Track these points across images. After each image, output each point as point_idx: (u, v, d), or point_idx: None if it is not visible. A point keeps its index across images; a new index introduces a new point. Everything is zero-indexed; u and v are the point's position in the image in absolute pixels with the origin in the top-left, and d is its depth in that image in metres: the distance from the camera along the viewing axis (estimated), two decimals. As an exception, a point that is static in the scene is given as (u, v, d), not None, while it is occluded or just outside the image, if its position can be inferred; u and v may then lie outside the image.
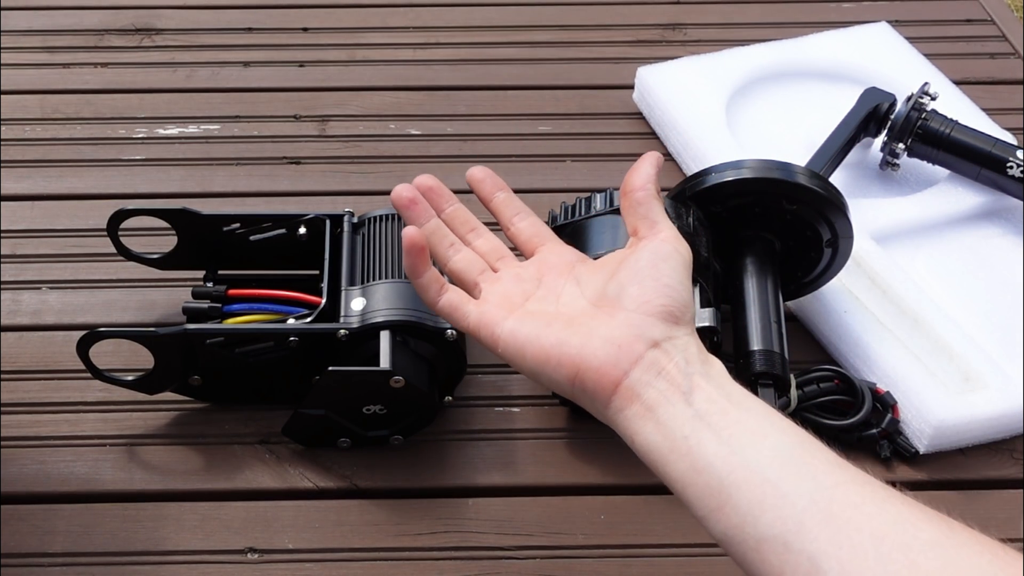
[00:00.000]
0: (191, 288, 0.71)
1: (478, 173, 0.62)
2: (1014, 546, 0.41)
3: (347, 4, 1.10)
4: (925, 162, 0.86)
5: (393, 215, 0.71)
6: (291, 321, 0.66)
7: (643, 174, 0.56)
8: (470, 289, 0.57)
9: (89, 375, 0.66)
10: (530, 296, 0.55)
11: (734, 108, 0.92)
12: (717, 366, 0.50)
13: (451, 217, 0.60)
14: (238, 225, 0.71)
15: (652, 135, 0.94)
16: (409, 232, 0.54)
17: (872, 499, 0.42)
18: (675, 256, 0.52)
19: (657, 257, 0.52)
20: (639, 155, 0.90)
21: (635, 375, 0.48)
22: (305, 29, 1.07)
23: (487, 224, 0.62)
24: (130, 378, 0.66)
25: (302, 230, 0.71)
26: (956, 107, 0.89)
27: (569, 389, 0.50)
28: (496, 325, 0.53)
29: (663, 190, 0.70)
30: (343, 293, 0.66)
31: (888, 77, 0.93)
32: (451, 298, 0.55)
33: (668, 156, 0.92)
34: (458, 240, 0.59)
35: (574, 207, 0.70)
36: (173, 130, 0.94)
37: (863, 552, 0.40)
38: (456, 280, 0.58)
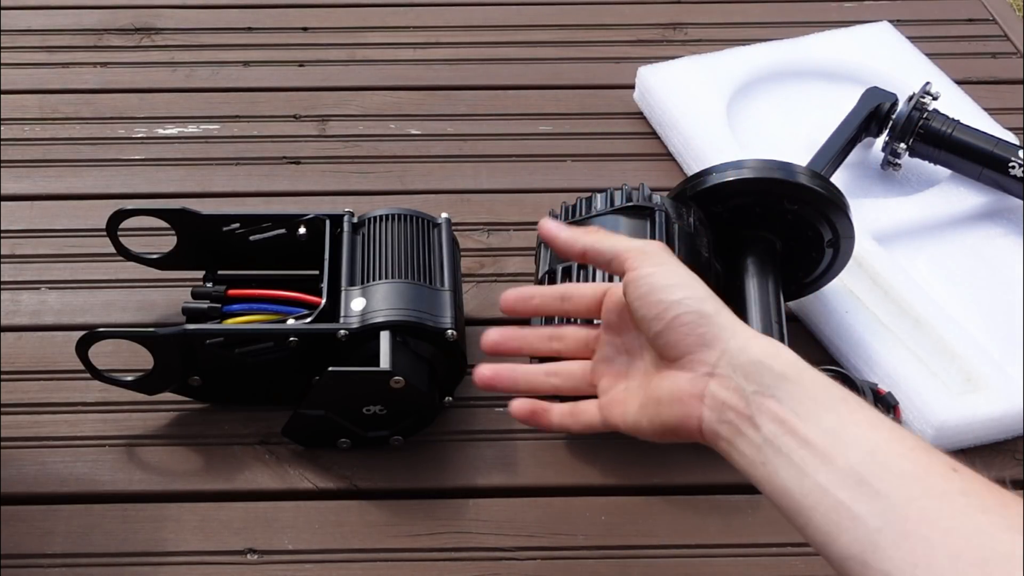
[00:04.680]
0: (191, 288, 0.71)
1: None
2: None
3: (347, 4, 1.10)
4: (927, 162, 0.86)
5: (393, 215, 0.70)
6: (291, 321, 0.66)
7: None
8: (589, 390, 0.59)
9: (89, 375, 0.66)
10: (628, 385, 0.56)
11: (735, 108, 0.92)
12: (771, 370, 0.48)
13: (531, 337, 0.61)
14: (238, 225, 0.71)
15: (653, 135, 0.94)
16: (516, 408, 0.58)
17: (949, 513, 0.43)
18: (649, 278, 0.52)
19: (639, 293, 0.52)
20: (640, 155, 0.92)
21: (706, 417, 0.50)
22: (305, 29, 1.07)
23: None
24: (129, 378, 0.66)
25: (302, 230, 0.71)
26: (958, 107, 0.89)
27: (688, 441, 0.52)
28: (619, 422, 0.55)
29: (664, 190, 0.71)
30: (343, 293, 0.66)
31: (889, 77, 0.93)
32: (561, 411, 0.58)
33: (669, 156, 0.92)
34: (546, 368, 0.60)
35: (574, 207, 0.70)
36: (172, 130, 0.94)
37: (939, 571, 0.41)
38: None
